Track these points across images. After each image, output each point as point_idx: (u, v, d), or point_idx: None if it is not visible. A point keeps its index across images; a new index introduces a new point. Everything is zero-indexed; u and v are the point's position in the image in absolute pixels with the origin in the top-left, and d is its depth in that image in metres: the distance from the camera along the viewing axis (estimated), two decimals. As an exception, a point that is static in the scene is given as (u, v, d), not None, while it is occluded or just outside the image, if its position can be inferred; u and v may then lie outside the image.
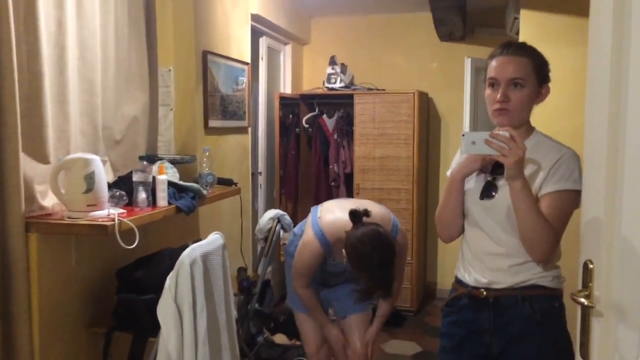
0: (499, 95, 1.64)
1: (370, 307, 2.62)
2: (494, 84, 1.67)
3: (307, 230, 2.42)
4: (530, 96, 1.66)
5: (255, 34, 4.16)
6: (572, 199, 1.61)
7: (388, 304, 2.57)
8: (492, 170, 1.71)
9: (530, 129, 1.73)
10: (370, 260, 2.16)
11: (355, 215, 2.22)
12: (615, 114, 1.03)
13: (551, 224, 1.58)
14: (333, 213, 2.41)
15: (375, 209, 2.36)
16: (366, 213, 2.23)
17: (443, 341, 1.84)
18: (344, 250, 2.23)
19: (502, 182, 1.67)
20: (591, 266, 1.16)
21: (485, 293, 1.70)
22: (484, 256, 1.72)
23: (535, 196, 1.62)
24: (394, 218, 2.46)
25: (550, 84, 2.51)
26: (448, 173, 1.89)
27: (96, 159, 2.03)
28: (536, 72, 1.65)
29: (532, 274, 1.66)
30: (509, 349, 1.69)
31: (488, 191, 1.70)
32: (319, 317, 2.52)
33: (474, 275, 1.73)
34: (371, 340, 2.59)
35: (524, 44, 1.71)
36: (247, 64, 3.72)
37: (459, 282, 1.80)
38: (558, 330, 1.68)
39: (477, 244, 1.74)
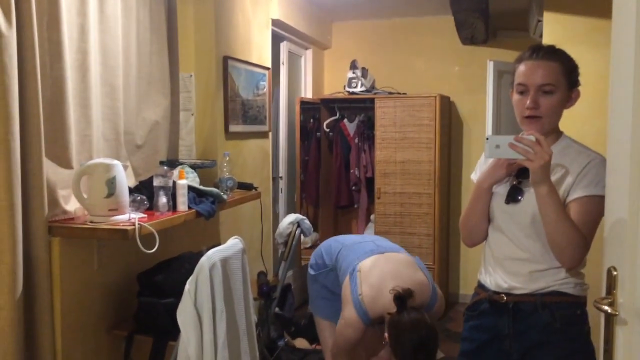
0: (528, 102, 1.60)
1: None
2: (523, 90, 1.63)
3: (348, 307, 2.35)
4: (561, 102, 1.62)
5: (276, 39, 4.18)
6: (601, 204, 1.53)
7: None
8: (518, 173, 1.68)
9: (559, 134, 1.70)
10: (413, 351, 2.12)
11: (400, 299, 2.17)
12: (638, 120, 1.01)
13: (580, 230, 1.54)
14: (372, 288, 2.34)
15: (416, 280, 2.32)
16: (410, 294, 2.18)
17: (464, 345, 1.83)
18: (386, 335, 2.20)
19: (528, 186, 1.64)
20: (615, 273, 1.14)
21: (505, 298, 1.68)
22: (505, 261, 1.69)
23: (563, 202, 1.59)
24: (430, 278, 2.42)
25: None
26: (472, 176, 1.87)
27: (117, 163, 2.05)
28: (566, 76, 1.62)
29: (553, 281, 1.63)
30: (528, 356, 1.66)
31: (514, 195, 1.67)
32: None
33: (495, 280, 1.71)
34: None
35: (553, 48, 1.65)
36: (267, 68, 3.74)
37: (481, 286, 1.79)
38: (579, 339, 1.65)
39: (499, 249, 1.71)
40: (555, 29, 3.18)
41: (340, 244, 2.63)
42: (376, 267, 2.42)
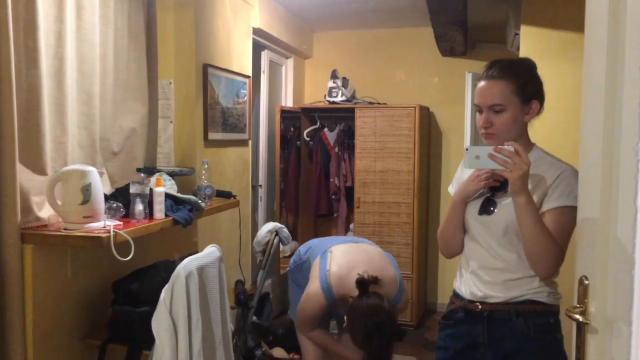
0: (481, 122, 1.67)
1: None
2: (479, 110, 1.69)
3: (314, 282, 2.40)
4: (515, 117, 1.64)
5: (257, 48, 4.18)
6: (574, 214, 1.55)
7: None
8: (491, 187, 1.71)
9: (530, 145, 1.73)
10: (367, 335, 2.16)
11: (362, 284, 2.20)
12: (610, 131, 1.03)
13: (555, 240, 1.57)
14: (340, 269, 2.38)
15: (385, 272, 2.35)
16: (375, 281, 2.22)
17: (439, 354, 1.84)
18: (345, 317, 2.23)
19: (500, 199, 1.68)
20: (586, 282, 1.15)
21: (480, 307, 1.70)
22: (480, 270, 1.72)
23: None
24: (400, 276, 2.45)
25: (550, 100, 2.49)
26: (450, 189, 1.90)
27: (93, 170, 2.03)
28: (518, 93, 1.63)
29: (527, 289, 1.65)
30: None
31: (487, 207, 1.70)
32: (337, 349, 2.51)
33: (470, 288, 1.73)
34: None
35: (508, 64, 1.68)
36: (248, 77, 3.73)
37: (456, 295, 1.81)
38: (552, 346, 1.67)
39: (475, 258, 1.74)
40: (532, 43, 3.23)
41: (318, 239, 2.67)
42: (349, 252, 2.48)
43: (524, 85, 1.65)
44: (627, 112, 0.89)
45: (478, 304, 1.70)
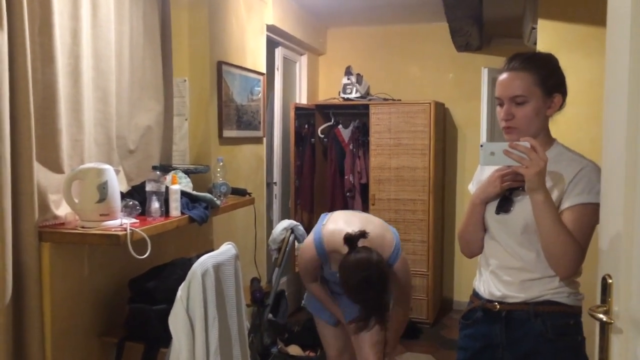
0: (502, 114, 1.63)
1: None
2: (500, 103, 1.66)
3: (309, 237, 2.48)
4: (537, 110, 1.61)
5: (271, 45, 4.17)
6: (594, 212, 1.53)
7: (404, 308, 2.58)
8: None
9: (550, 141, 1.69)
10: (359, 288, 2.17)
11: (349, 240, 2.21)
12: (634, 127, 1.01)
13: (575, 238, 1.53)
14: (336, 224, 2.40)
15: (377, 231, 2.35)
16: (363, 235, 2.21)
17: (459, 354, 1.82)
18: (337, 274, 2.25)
19: (518, 197, 1.65)
20: (610, 281, 1.13)
21: (498, 307, 1.68)
22: (499, 269, 1.69)
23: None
24: (398, 242, 2.43)
25: (568, 95, 2.45)
26: (470, 187, 1.88)
27: (109, 168, 2.03)
28: (541, 84, 1.60)
29: (546, 289, 1.62)
30: None
31: (504, 206, 1.67)
32: (331, 307, 2.56)
33: (489, 288, 1.71)
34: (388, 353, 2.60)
35: (530, 56, 1.65)
36: (262, 74, 3.73)
37: (475, 294, 1.79)
38: (572, 349, 1.64)
39: (493, 257, 1.71)
40: (549, 37, 3.19)
41: None
42: (349, 215, 2.53)
43: (547, 77, 1.62)
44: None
45: (496, 303, 1.68)
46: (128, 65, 2.48)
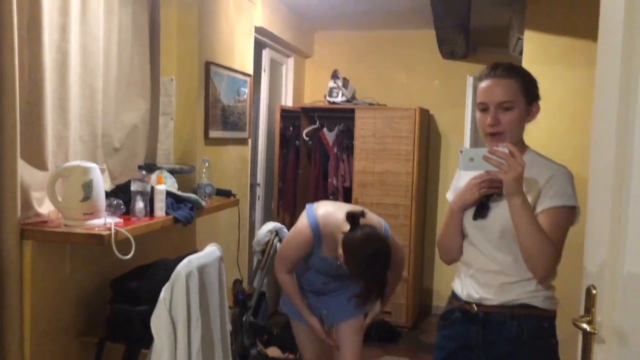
0: (489, 120, 1.66)
1: (362, 312, 2.58)
2: (484, 108, 1.68)
3: (301, 219, 2.41)
4: (521, 117, 1.67)
5: (258, 46, 4.17)
6: (568, 215, 1.63)
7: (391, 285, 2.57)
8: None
9: (524, 147, 1.75)
10: (367, 263, 2.16)
11: (353, 217, 2.22)
12: (622, 140, 1.03)
13: (551, 240, 1.58)
14: (327, 209, 2.41)
15: (369, 215, 2.36)
16: (363, 214, 2.24)
17: (436, 354, 1.87)
18: (340, 250, 2.21)
19: (494, 203, 1.70)
20: (594, 291, 1.15)
21: (476, 309, 1.72)
22: (477, 273, 1.73)
23: None
24: (386, 226, 2.46)
25: (550, 105, 2.52)
26: (448, 195, 1.92)
27: (94, 167, 2.01)
28: (524, 92, 1.67)
29: (523, 293, 1.67)
30: None
31: (481, 212, 1.71)
32: (298, 303, 2.49)
33: (467, 290, 1.75)
34: (374, 316, 2.60)
35: (511, 65, 1.71)
36: (249, 75, 3.72)
37: (454, 295, 1.83)
38: (546, 351, 1.69)
39: (472, 261, 1.75)
40: (535, 47, 3.24)
41: None
42: (335, 204, 2.52)
43: (529, 86, 1.69)
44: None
45: (474, 305, 1.72)
46: (116, 62, 2.45)
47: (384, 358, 3.96)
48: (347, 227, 2.22)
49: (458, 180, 1.87)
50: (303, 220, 2.39)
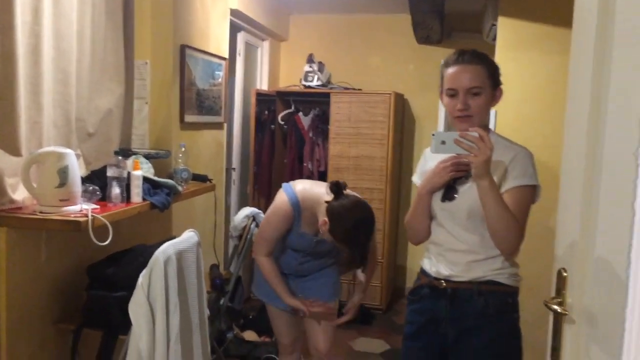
0: (459, 105, 1.72)
1: (337, 298, 2.62)
2: (453, 94, 1.74)
3: (279, 197, 2.41)
4: (487, 101, 1.75)
5: (233, 29, 4.13)
6: (530, 193, 1.73)
7: (368, 273, 2.59)
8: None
9: (487, 130, 1.81)
10: (354, 229, 2.21)
11: (337, 186, 2.26)
12: (594, 126, 1.06)
13: (516, 218, 1.67)
14: (305, 185, 2.44)
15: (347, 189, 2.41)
16: (345, 185, 2.28)
17: (406, 328, 1.95)
18: (323, 219, 2.24)
19: (461, 185, 1.77)
20: (565, 274, 1.19)
21: (444, 284, 1.80)
22: (446, 252, 1.81)
23: None
24: None
25: (522, 91, 2.59)
26: (414, 178, 1.99)
27: (70, 152, 1.98)
28: (490, 78, 1.75)
29: (489, 270, 1.76)
30: (462, 339, 1.79)
31: (449, 193, 1.79)
32: (278, 287, 2.47)
33: (436, 268, 1.83)
34: (354, 307, 2.59)
35: (476, 52, 1.78)
36: (224, 59, 3.69)
37: (423, 272, 1.91)
38: (509, 325, 1.79)
39: (441, 241, 1.83)
40: (508, 34, 3.28)
41: None
42: (311, 181, 2.54)
43: (494, 71, 1.77)
44: (624, 120, 0.91)
45: (443, 281, 1.80)
46: (89, 45, 2.41)
47: (359, 339, 4.02)
48: (328, 197, 2.26)
49: (424, 164, 1.94)
50: (281, 197, 2.39)
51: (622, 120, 0.93)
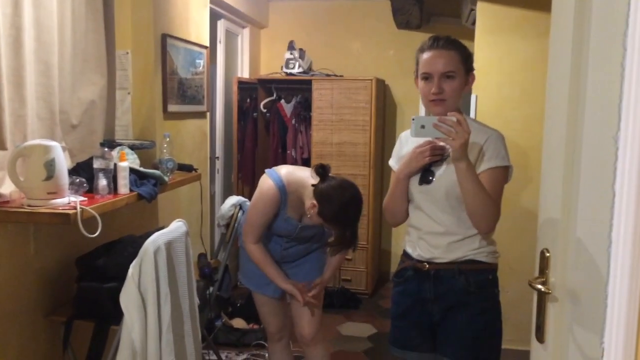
0: (434, 88, 1.78)
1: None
2: (427, 77, 1.81)
3: (264, 182, 2.41)
4: (461, 85, 1.82)
5: (213, 17, 4.10)
6: (503, 174, 1.82)
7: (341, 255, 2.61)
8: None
9: (460, 113, 1.86)
10: (343, 208, 2.25)
11: (323, 168, 2.30)
12: (574, 108, 1.10)
13: (492, 198, 1.75)
14: (288, 169, 2.47)
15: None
16: (330, 168, 2.32)
17: (392, 308, 2.03)
18: (311, 202, 2.27)
19: (438, 169, 1.84)
20: (548, 254, 1.23)
21: (427, 266, 1.88)
22: (427, 235, 1.89)
23: None
24: None
25: (502, 75, 2.62)
26: (390, 162, 2.05)
27: (56, 145, 1.98)
28: (463, 63, 1.81)
29: (468, 250, 1.84)
30: (447, 316, 1.88)
31: (426, 177, 1.86)
32: (271, 272, 2.48)
33: (419, 251, 1.91)
34: (322, 285, 2.59)
35: (450, 38, 1.84)
36: (205, 47, 3.67)
37: (406, 254, 1.99)
38: (490, 299, 1.90)
39: (420, 225, 1.90)
40: (487, 18, 3.32)
41: None
42: (294, 167, 2.57)
43: (467, 57, 1.84)
44: (604, 105, 0.95)
45: (425, 263, 1.88)
46: (70, 36, 2.39)
47: (345, 324, 4.08)
48: (314, 181, 2.30)
49: (400, 149, 2.01)
50: (267, 182, 2.40)
51: (601, 105, 0.96)
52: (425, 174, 1.85)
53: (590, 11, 1.01)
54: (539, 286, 1.23)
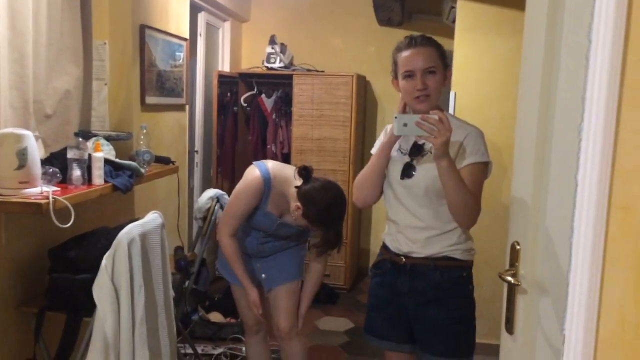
0: (418, 85, 1.81)
1: (300, 278, 2.64)
2: (410, 75, 1.83)
3: (251, 172, 2.40)
4: (442, 80, 1.86)
5: (194, 9, 4.07)
6: (482, 170, 1.86)
7: (323, 264, 2.63)
8: (410, 152, 1.91)
9: (440, 110, 1.89)
10: (327, 209, 2.27)
11: (306, 170, 2.32)
12: (545, 103, 1.11)
13: (472, 193, 1.79)
14: (275, 164, 2.48)
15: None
16: (312, 170, 2.35)
17: (370, 299, 2.07)
18: (295, 204, 2.27)
19: (419, 164, 1.87)
20: (518, 247, 1.25)
21: (404, 260, 1.91)
22: (405, 229, 1.92)
23: None
24: None
25: (481, 72, 2.64)
26: (373, 151, 2.05)
27: (29, 134, 1.95)
28: (441, 59, 1.86)
29: (445, 247, 1.88)
30: (423, 310, 1.91)
31: (407, 171, 1.89)
32: (239, 271, 2.47)
33: (397, 244, 1.94)
34: (302, 315, 2.62)
35: (425, 36, 1.89)
36: (185, 39, 3.64)
37: (385, 247, 2.02)
38: (464, 296, 1.94)
39: (400, 219, 1.93)
40: (467, 16, 3.34)
41: None
42: (281, 163, 2.57)
43: (443, 53, 1.88)
44: (571, 97, 0.96)
45: (402, 257, 1.92)
46: (46, 25, 2.35)
47: (323, 319, 4.09)
48: (297, 182, 2.30)
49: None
50: (253, 172, 2.40)
51: (568, 97, 0.97)
52: (407, 168, 1.88)
53: (563, 5, 1.02)
54: (509, 278, 1.25)
